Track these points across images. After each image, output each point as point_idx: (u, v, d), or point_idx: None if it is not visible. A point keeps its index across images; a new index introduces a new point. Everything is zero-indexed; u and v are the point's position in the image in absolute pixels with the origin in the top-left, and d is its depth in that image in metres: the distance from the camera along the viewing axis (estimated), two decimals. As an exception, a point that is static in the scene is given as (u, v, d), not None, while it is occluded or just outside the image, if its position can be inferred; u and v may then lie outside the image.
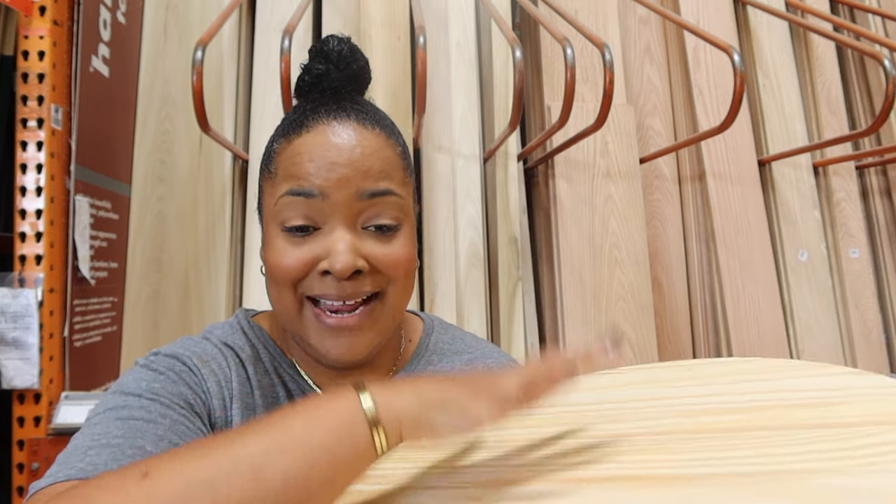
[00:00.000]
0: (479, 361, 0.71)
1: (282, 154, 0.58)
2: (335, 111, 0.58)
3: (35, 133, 1.14)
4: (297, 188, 0.56)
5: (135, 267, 1.37)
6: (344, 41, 0.61)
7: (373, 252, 0.57)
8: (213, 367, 0.59)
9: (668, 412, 0.48)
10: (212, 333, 0.64)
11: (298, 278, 0.56)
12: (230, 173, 1.46)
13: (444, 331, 0.73)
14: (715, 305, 1.57)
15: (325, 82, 0.62)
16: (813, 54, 1.78)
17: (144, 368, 0.57)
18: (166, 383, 0.55)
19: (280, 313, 0.60)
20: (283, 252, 0.56)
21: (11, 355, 1.09)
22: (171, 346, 0.61)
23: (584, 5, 1.66)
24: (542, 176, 1.57)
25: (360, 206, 0.56)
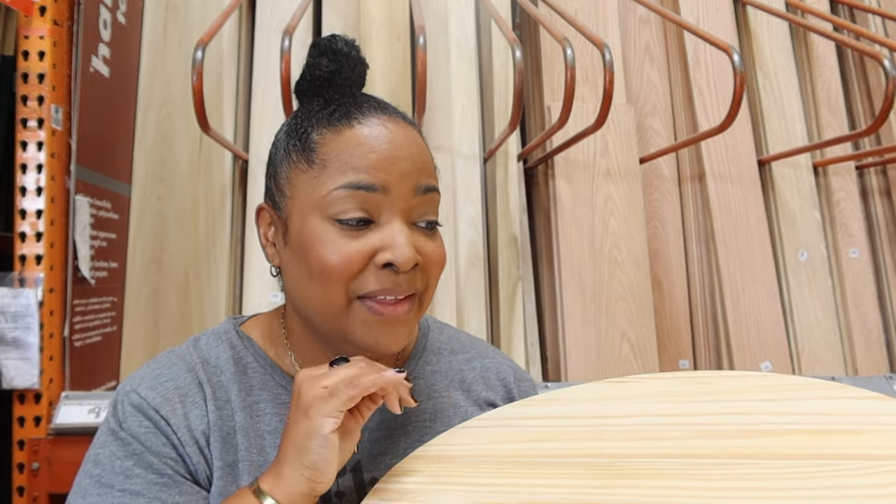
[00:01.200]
0: (476, 361, 0.71)
1: (329, 145, 0.56)
2: (380, 106, 0.58)
3: (35, 133, 1.14)
4: (359, 181, 0.54)
5: (135, 267, 1.37)
6: (350, 43, 0.61)
7: (424, 247, 0.57)
8: (187, 404, 0.58)
9: (689, 432, 0.47)
10: (196, 345, 0.63)
11: (354, 274, 0.54)
12: (230, 173, 1.46)
13: (439, 330, 0.73)
14: (715, 305, 1.57)
15: (338, 80, 0.61)
16: (813, 54, 1.78)
17: (115, 440, 0.56)
18: (136, 458, 0.55)
19: (318, 311, 0.57)
20: (338, 246, 0.54)
21: (11, 355, 1.09)
22: (142, 384, 0.59)
23: (584, 5, 1.66)
24: (542, 176, 1.57)
25: (414, 202, 0.56)
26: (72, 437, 1.11)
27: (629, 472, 0.43)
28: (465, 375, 0.69)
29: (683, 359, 1.55)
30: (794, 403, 0.48)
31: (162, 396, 0.58)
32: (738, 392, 0.52)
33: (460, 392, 0.67)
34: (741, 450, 0.44)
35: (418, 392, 0.66)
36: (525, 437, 0.50)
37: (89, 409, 1.13)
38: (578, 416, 0.52)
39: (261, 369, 0.62)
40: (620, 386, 0.56)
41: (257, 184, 1.44)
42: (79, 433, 1.11)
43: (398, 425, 0.63)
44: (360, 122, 0.56)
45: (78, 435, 1.11)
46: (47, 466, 1.10)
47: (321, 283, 0.55)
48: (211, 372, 0.61)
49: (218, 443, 0.58)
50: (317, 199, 0.55)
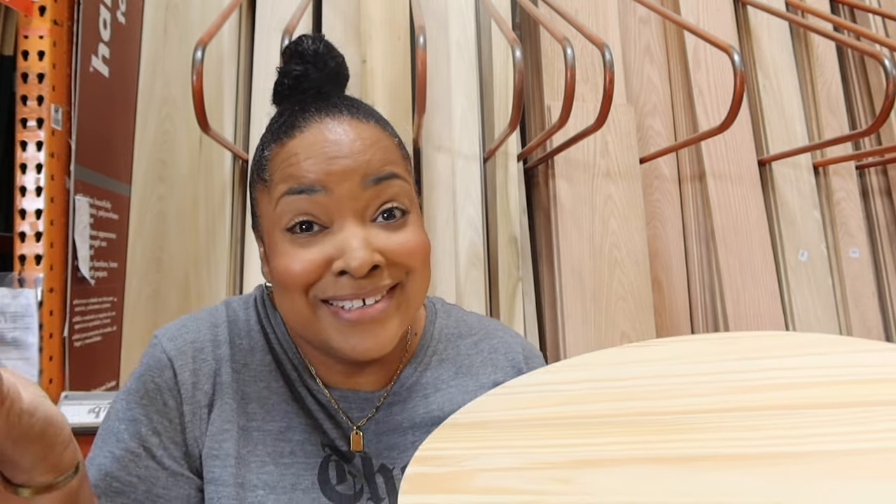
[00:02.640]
0: (484, 343, 0.70)
1: (275, 159, 0.55)
2: (326, 108, 0.57)
3: (35, 133, 1.14)
4: (296, 185, 0.53)
5: (135, 267, 1.37)
6: (318, 39, 0.59)
7: (387, 244, 0.54)
8: (198, 360, 0.59)
9: (721, 388, 0.46)
10: (228, 306, 0.64)
11: (311, 282, 0.54)
12: (230, 173, 1.46)
13: (446, 315, 0.72)
14: (715, 305, 1.57)
15: (305, 83, 0.59)
16: (813, 54, 1.78)
17: (125, 397, 0.59)
18: (129, 424, 0.57)
19: (293, 322, 0.57)
20: (291, 256, 0.53)
21: (11, 355, 1.09)
22: (167, 333, 0.61)
23: (584, 5, 1.66)
24: (542, 176, 1.57)
25: (366, 197, 0.54)
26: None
27: (673, 427, 0.42)
28: (472, 360, 0.68)
29: (683, 359, 1.55)
30: (829, 358, 0.47)
31: (177, 349, 0.59)
32: (766, 350, 0.51)
33: (467, 378, 0.66)
34: (781, 401, 0.43)
35: (426, 384, 0.65)
36: (558, 400, 0.50)
37: (89, 409, 1.13)
38: (606, 379, 0.51)
39: (279, 343, 0.63)
40: (641, 350, 0.55)
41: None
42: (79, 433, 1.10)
43: (405, 419, 0.63)
44: (301, 130, 0.55)
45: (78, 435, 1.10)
46: (47, 466, 1.10)
47: (285, 293, 0.55)
48: (235, 333, 0.62)
49: (231, 405, 0.58)
50: (271, 213, 0.55)
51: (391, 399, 0.63)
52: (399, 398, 0.64)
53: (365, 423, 0.62)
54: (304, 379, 0.62)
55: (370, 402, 0.63)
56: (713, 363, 0.51)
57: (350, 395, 0.62)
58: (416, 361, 0.66)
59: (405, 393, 0.64)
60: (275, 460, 0.58)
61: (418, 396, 0.64)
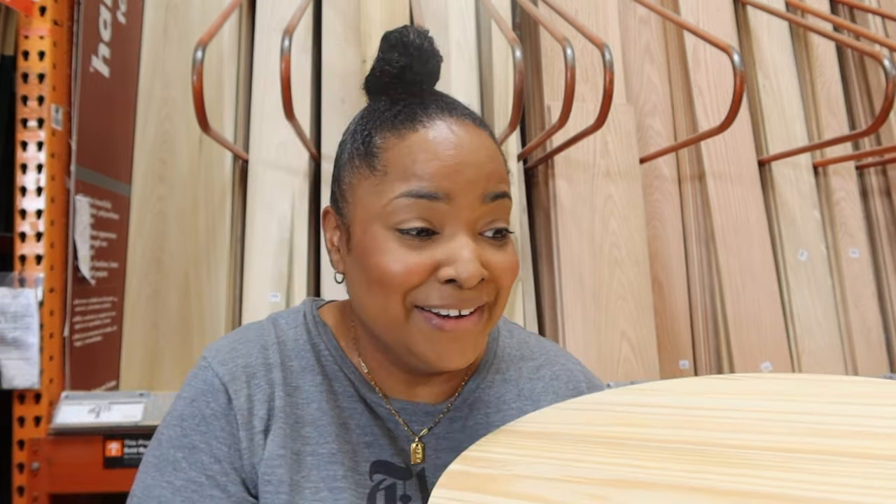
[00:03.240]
0: (545, 369, 0.68)
1: (392, 150, 0.53)
2: (448, 108, 0.55)
3: (35, 133, 1.14)
4: (421, 190, 0.51)
5: (135, 267, 1.37)
6: (423, 34, 0.57)
7: (491, 260, 0.54)
8: (252, 386, 0.58)
9: (795, 429, 0.44)
10: (276, 324, 0.63)
11: (413, 286, 0.52)
12: (230, 173, 1.46)
13: (509, 334, 0.71)
14: (715, 305, 1.57)
15: (408, 76, 0.57)
16: (813, 54, 1.78)
17: (178, 423, 0.57)
18: (188, 451, 0.56)
19: (377, 321, 0.55)
20: (396, 256, 0.52)
21: (12, 355, 1.09)
22: (217, 357, 0.59)
23: (584, 5, 1.66)
24: (542, 176, 1.57)
25: (481, 211, 0.53)
26: (72, 437, 1.11)
27: (723, 459, 0.41)
28: (534, 385, 0.67)
29: (683, 359, 1.55)
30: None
31: (231, 374, 0.58)
32: (860, 396, 0.49)
33: (529, 402, 0.65)
34: (859, 450, 0.40)
35: (489, 402, 0.64)
36: (618, 420, 0.50)
37: (89, 409, 1.13)
38: (677, 406, 0.50)
39: (331, 359, 0.61)
40: (727, 382, 0.54)
41: (257, 184, 1.44)
42: (79, 433, 1.11)
43: (466, 437, 0.61)
44: (425, 126, 0.53)
45: (78, 435, 1.11)
46: (47, 466, 1.10)
47: (380, 292, 0.53)
48: (286, 355, 0.60)
49: (285, 429, 0.57)
50: (378, 207, 0.53)
51: (453, 414, 0.62)
52: (461, 413, 0.63)
53: (426, 435, 0.61)
54: (361, 392, 0.61)
55: (431, 415, 0.62)
56: (797, 403, 0.49)
57: (410, 406, 0.61)
58: (479, 377, 0.65)
59: (467, 409, 0.63)
60: (328, 485, 0.57)
61: (480, 414, 0.63)
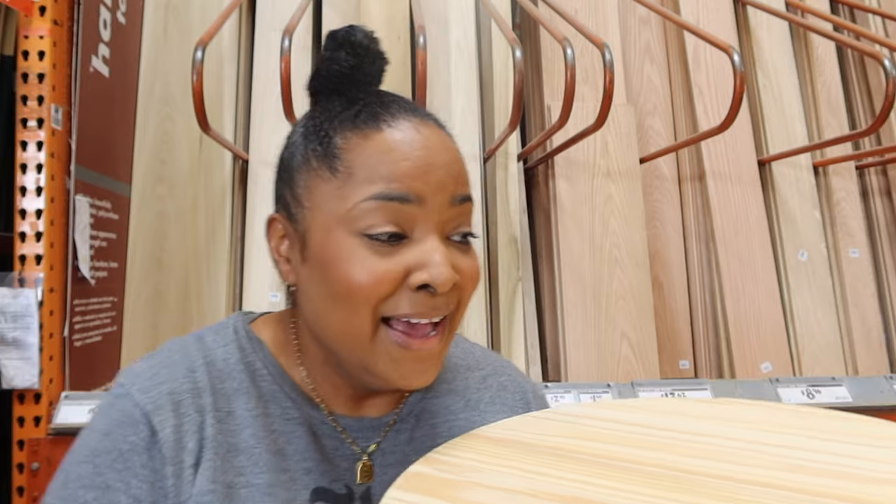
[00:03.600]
0: (492, 379, 0.66)
1: (356, 150, 0.50)
2: (410, 108, 0.53)
3: (35, 133, 1.14)
4: (392, 192, 0.49)
5: (135, 267, 1.37)
6: (370, 35, 0.55)
7: (459, 264, 0.51)
8: (180, 414, 0.52)
9: (778, 464, 0.42)
10: (202, 343, 0.58)
11: (385, 295, 0.49)
12: (230, 173, 1.46)
13: (454, 344, 0.67)
14: (715, 305, 1.57)
15: (358, 75, 0.55)
16: (813, 54, 1.78)
17: (89, 460, 0.52)
18: (100, 492, 0.50)
19: (342, 338, 0.52)
20: (367, 265, 0.49)
21: (11, 355, 1.09)
22: (136, 383, 0.54)
23: (584, 5, 1.66)
24: (542, 176, 1.57)
25: (450, 214, 0.51)
26: (72, 437, 1.10)
27: (697, 489, 0.39)
28: (481, 395, 0.65)
29: (684, 359, 1.55)
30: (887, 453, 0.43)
31: (154, 403, 0.52)
32: (844, 433, 0.47)
33: (476, 413, 0.63)
34: (832, 490, 0.38)
35: (435, 412, 0.62)
36: (591, 436, 0.48)
37: (89, 409, 1.12)
38: (654, 427, 0.49)
39: (269, 377, 0.57)
40: (712, 407, 0.52)
41: (257, 184, 1.44)
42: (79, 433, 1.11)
43: (412, 450, 0.59)
44: (390, 126, 0.51)
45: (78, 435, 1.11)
46: (47, 466, 1.10)
47: (346, 305, 0.50)
48: (216, 377, 0.55)
49: (215, 461, 0.52)
50: (342, 211, 0.50)
51: (399, 426, 0.60)
52: (406, 425, 0.60)
53: (373, 451, 0.58)
54: (303, 411, 0.57)
55: (376, 429, 0.59)
56: (779, 434, 0.47)
57: (355, 423, 0.58)
58: (424, 388, 0.61)
59: (413, 420, 0.61)
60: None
61: (426, 425, 0.61)
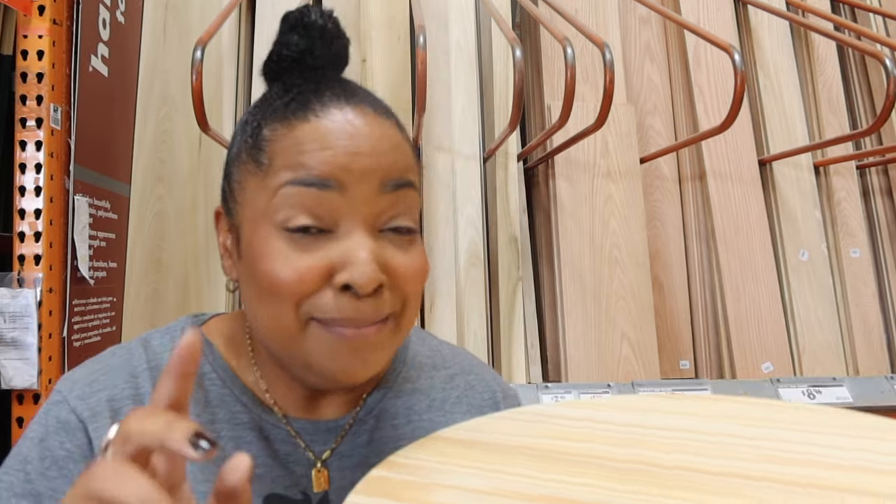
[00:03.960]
0: (459, 378, 0.64)
1: (280, 142, 0.47)
2: (345, 94, 0.49)
3: (34, 133, 1.14)
4: (307, 177, 0.45)
5: (134, 267, 1.37)
6: (327, 14, 0.52)
7: (393, 261, 0.48)
8: (119, 421, 0.51)
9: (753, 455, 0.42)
10: (147, 347, 0.55)
11: (307, 294, 0.46)
12: (230, 173, 1.46)
13: (420, 342, 0.65)
14: (715, 305, 1.56)
15: (309, 59, 0.52)
16: (814, 54, 1.78)
17: (21, 468, 0.49)
18: (32, 500, 0.48)
19: (272, 335, 0.49)
20: (285, 260, 0.45)
21: (10, 355, 1.09)
22: (73, 390, 0.51)
23: (584, 5, 1.66)
24: (542, 176, 1.57)
25: (381, 203, 0.47)
26: None
27: (671, 482, 0.39)
28: (447, 395, 0.62)
29: (684, 359, 1.55)
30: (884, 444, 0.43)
31: (91, 410, 0.50)
32: (819, 425, 0.47)
33: (440, 413, 0.60)
34: (813, 480, 0.39)
35: (396, 413, 0.59)
36: (559, 434, 0.47)
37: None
38: (624, 424, 0.48)
39: (219, 381, 0.54)
40: (683, 402, 0.52)
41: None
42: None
43: (372, 451, 0.56)
44: (318, 115, 0.47)
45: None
46: (46, 467, 1.10)
47: (270, 302, 0.47)
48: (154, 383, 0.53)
49: None
50: (264, 204, 0.47)
51: (357, 428, 0.57)
52: (366, 427, 0.57)
53: (329, 457, 0.55)
54: (255, 415, 0.54)
55: (333, 431, 0.56)
56: (746, 427, 0.46)
57: (311, 426, 0.55)
58: (385, 386, 0.59)
59: (372, 421, 0.57)
60: None
61: (387, 426, 0.58)
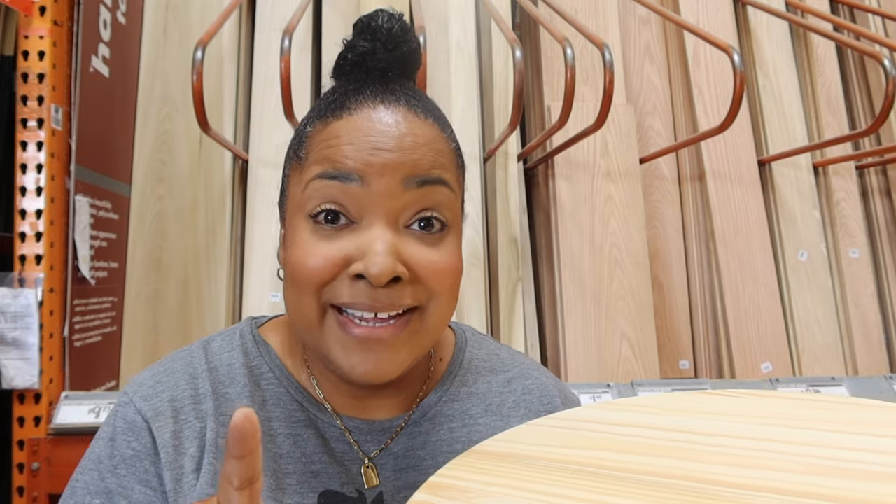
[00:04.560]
0: (517, 382, 0.63)
1: (315, 137, 0.50)
2: (382, 93, 0.51)
3: (35, 133, 1.14)
4: (331, 170, 0.48)
5: (135, 267, 1.37)
6: (395, 18, 0.53)
7: (415, 256, 0.48)
8: (180, 420, 0.53)
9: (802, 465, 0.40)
10: (207, 349, 0.57)
11: (325, 281, 0.48)
12: (230, 173, 1.46)
13: (478, 345, 0.65)
14: (715, 305, 1.57)
15: (371, 62, 0.53)
16: (813, 54, 1.78)
17: (96, 467, 0.52)
18: (106, 498, 0.51)
19: (298, 323, 0.51)
20: (309, 248, 0.48)
21: (11, 355, 1.09)
22: (139, 392, 0.54)
23: (584, 5, 1.66)
24: (542, 176, 1.57)
25: (405, 198, 0.48)
26: (72, 437, 1.11)
27: (716, 501, 0.37)
28: (504, 399, 0.61)
29: (684, 359, 1.55)
30: None
31: (154, 410, 0.53)
32: (873, 424, 0.43)
33: (497, 418, 0.60)
34: (869, 496, 0.35)
35: (452, 416, 0.59)
36: (601, 444, 0.45)
37: (89, 409, 1.13)
38: (668, 429, 0.46)
39: (275, 381, 0.56)
40: (729, 400, 0.49)
41: (257, 184, 1.44)
42: (79, 433, 1.11)
43: (427, 454, 0.56)
44: (350, 113, 0.49)
45: (78, 435, 1.11)
46: (47, 466, 1.10)
47: (294, 289, 0.49)
48: (219, 382, 0.55)
49: (216, 465, 0.51)
50: (298, 196, 0.50)
51: (411, 429, 0.57)
52: (420, 429, 0.57)
53: (379, 456, 0.55)
54: (311, 414, 0.55)
55: (386, 431, 0.56)
56: (801, 430, 0.43)
57: (364, 425, 0.56)
58: (441, 390, 0.59)
59: (427, 424, 0.58)
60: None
61: (443, 429, 0.58)
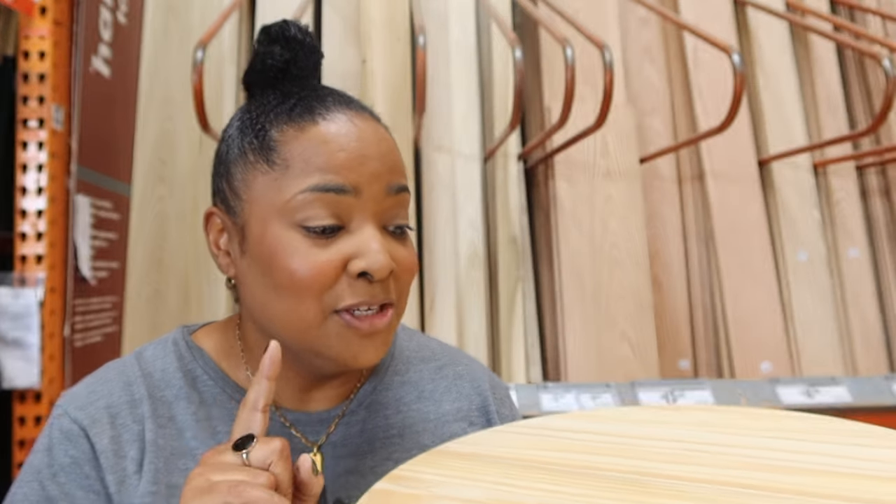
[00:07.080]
0: (448, 369, 0.67)
1: (292, 143, 0.51)
2: (345, 101, 0.54)
3: (36, 133, 1.14)
4: (328, 183, 0.50)
5: (135, 267, 1.37)
6: (304, 29, 0.56)
7: (396, 254, 0.53)
8: (117, 426, 0.55)
9: (732, 462, 0.45)
10: (140, 357, 0.60)
11: (327, 286, 0.50)
12: (230, 173, 1.46)
13: (408, 337, 0.69)
14: (714, 305, 1.57)
15: (293, 70, 0.56)
16: (812, 54, 1.79)
17: (35, 477, 0.53)
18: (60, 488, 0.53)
19: (288, 326, 0.52)
20: (307, 257, 0.50)
21: (12, 355, 1.09)
22: (73, 402, 0.56)
23: (584, 5, 1.67)
24: (542, 176, 1.58)
25: (386, 205, 0.52)
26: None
27: (659, 491, 0.41)
28: (436, 385, 0.65)
29: (683, 359, 1.55)
30: (858, 450, 0.46)
31: (91, 418, 0.54)
32: (799, 432, 0.49)
33: (430, 403, 0.64)
34: (787, 486, 0.41)
35: (387, 404, 0.62)
36: (556, 446, 0.50)
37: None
38: (617, 434, 0.51)
39: (211, 382, 0.58)
40: (672, 413, 0.54)
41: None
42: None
43: (364, 441, 0.59)
44: (325, 118, 0.52)
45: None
46: (48, 466, 1.10)
47: (291, 296, 0.51)
48: (154, 386, 0.57)
49: (157, 463, 0.53)
50: (279, 203, 0.51)
51: (348, 419, 0.60)
52: (357, 417, 0.60)
53: (324, 444, 0.58)
54: None
55: (325, 421, 0.59)
56: (735, 436, 0.49)
57: (303, 417, 0.58)
58: (375, 379, 0.63)
59: (363, 412, 0.61)
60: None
61: (378, 417, 0.61)
